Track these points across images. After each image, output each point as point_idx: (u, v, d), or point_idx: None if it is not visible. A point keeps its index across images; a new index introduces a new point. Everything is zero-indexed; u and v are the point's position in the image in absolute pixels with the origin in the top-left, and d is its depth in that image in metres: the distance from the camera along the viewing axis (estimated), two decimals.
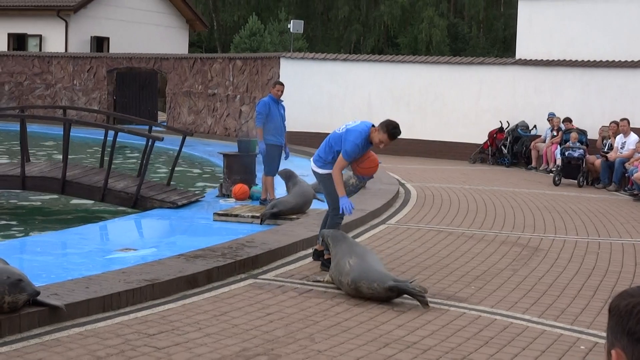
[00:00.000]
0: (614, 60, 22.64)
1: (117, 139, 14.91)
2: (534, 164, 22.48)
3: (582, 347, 6.69)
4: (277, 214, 12.35)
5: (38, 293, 6.44)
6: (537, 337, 6.92)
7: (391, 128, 9.14)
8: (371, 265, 7.98)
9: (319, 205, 14.01)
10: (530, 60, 23.80)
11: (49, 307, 6.58)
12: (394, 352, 6.36)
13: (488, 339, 6.81)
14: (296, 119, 24.84)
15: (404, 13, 61.33)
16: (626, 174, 18.10)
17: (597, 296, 8.40)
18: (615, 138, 19.21)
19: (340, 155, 9.12)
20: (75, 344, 6.18)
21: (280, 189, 15.35)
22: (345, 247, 8.38)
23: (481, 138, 23.96)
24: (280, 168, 14.47)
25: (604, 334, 1.97)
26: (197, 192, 15.70)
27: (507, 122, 23.67)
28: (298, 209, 12.68)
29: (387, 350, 6.42)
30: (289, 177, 13.26)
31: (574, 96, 23.01)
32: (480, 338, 6.83)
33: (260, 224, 12.14)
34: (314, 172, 9.65)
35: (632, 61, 22.33)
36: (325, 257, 8.98)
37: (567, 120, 21.55)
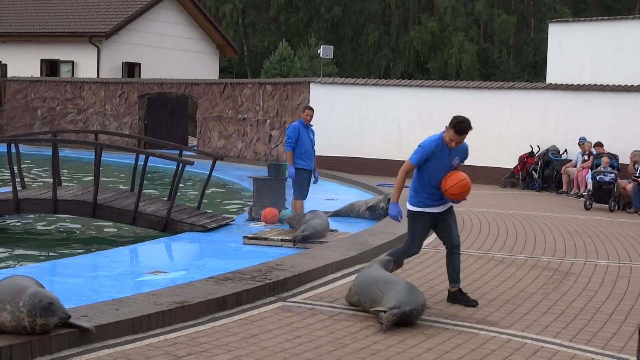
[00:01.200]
0: None
1: (148, 164, 15.00)
2: (564, 188, 22.36)
3: None
4: (307, 237, 12.37)
5: (69, 317, 6.47)
6: None
7: (455, 122, 8.61)
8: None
9: (347, 229, 14.01)
10: (561, 84, 23.73)
11: (79, 329, 6.61)
12: None
13: None
14: (326, 144, 24.88)
15: (433, 38, 61.43)
16: None
17: (629, 321, 8.31)
18: None
19: (408, 159, 8.85)
20: None
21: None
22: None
23: (512, 162, 23.88)
24: (309, 192, 14.52)
25: (635, 359, 1.95)
26: (227, 215, 15.74)
27: (538, 146, 23.58)
28: (323, 231, 12.73)
29: None
30: (299, 220, 13.26)
31: (605, 120, 22.90)
32: None
33: (294, 246, 12.16)
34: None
35: None
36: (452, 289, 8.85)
37: (599, 144, 21.44)
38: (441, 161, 8.68)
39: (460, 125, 8.57)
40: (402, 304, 7.53)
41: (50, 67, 40.70)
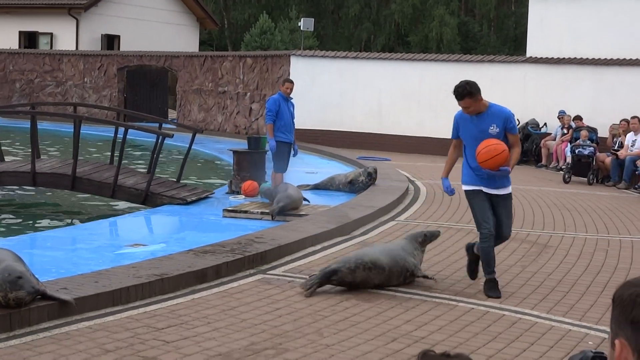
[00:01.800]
0: (624, 59, 22.60)
1: (128, 137, 14.95)
2: (544, 161, 22.45)
3: (590, 342, 6.69)
4: (284, 208, 12.39)
5: (37, 291, 6.44)
6: (545, 333, 6.92)
7: (453, 90, 8.36)
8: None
9: (327, 202, 14.04)
10: (541, 58, 23.77)
11: (59, 301, 6.61)
12: (401, 346, 6.37)
13: (496, 334, 6.82)
14: (306, 117, 24.85)
15: (414, 11, 61.26)
16: (636, 172, 18.07)
17: (606, 293, 8.39)
18: (625, 136, 19.17)
19: None
20: (85, 337, 6.20)
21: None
22: None
23: None
24: (289, 165, 14.52)
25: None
26: (206, 188, 15.73)
27: (518, 120, 23.61)
28: (298, 201, 12.78)
29: (395, 344, 6.43)
30: (272, 192, 13.20)
31: (585, 94, 22.97)
32: (488, 333, 6.83)
33: (272, 219, 12.17)
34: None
35: None
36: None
37: (578, 118, 21.51)
38: (469, 131, 8.26)
39: (455, 92, 8.33)
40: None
41: (29, 39, 40.38)
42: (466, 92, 8.08)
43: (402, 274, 8.21)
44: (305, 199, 13.47)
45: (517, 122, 23.36)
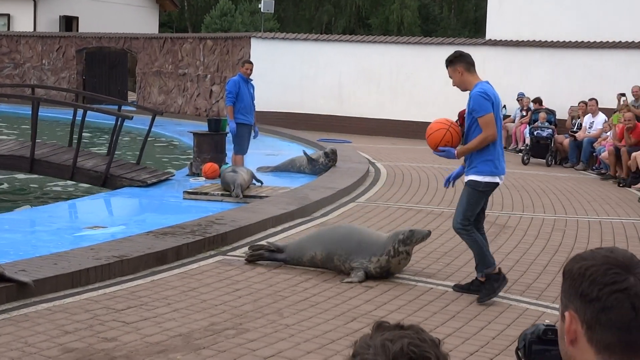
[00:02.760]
0: (582, 41, 22.79)
1: (87, 119, 14.84)
2: (503, 143, 22.59)
3: (547, 320, 6.78)
4: (243, 187, 12.40)
5: None
6: (503, 312, 7.00)
7: None
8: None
9: (287, 184, 14.04)
10: (500, 40, 23.90)
11: (17, 283, 6.58)
12: (361, 326, 6.42)
13: (455, 313, 6.89)
14: (267, 99, 24.80)
15: None
16: (594, 154, 18.27)
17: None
18: (584, 118, 19.36)
19: None
20: (44, 319, 6.18)
21: (250, 168, 15.37)
22: None
23: (452, 118, 23.98)
24: (250, 148, 14.49)
25: None
26: (167, 171, 15.67)
27: None
28: (249, 180, 12.78)
29: (355, 324, 6.48)
30: (232, 178, 13.00)
31: (543, 76, 23.16)
32: (447, 312, 6.90)
33: (240, 198, 12.09)
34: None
35: (600, 42, 22.50)
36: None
37: (537, 100, 21.66)
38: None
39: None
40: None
41: None
42: (447, 60, 7.72)
43: (337, 269, 8.10)
44: (258, 180, 13.48)
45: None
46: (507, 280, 7.42)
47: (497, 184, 7.51)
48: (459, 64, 7.56)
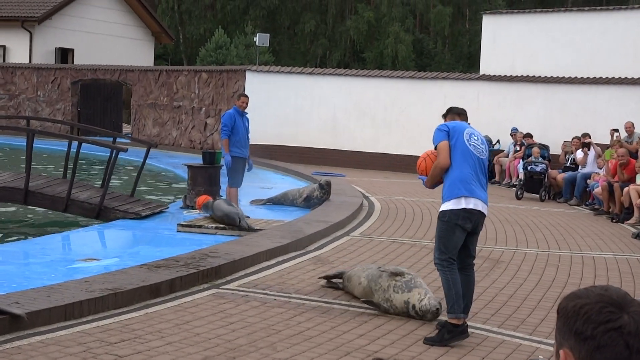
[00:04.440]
0: (576, 77, 22.93)
1: (81, 151, 14.86)
2: (497, 178, 22.68)
3: (540, 356, 6.78)
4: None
5: None
6: (496, 347, 6.99)
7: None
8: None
9: (281, 217, 14.05)
10: (494, 75, 24.04)
11: (10, 315, 6.56)
12: None
13: (448, 348, 6.88)
14: (262, 132, 24.87)
15: (369, 28, 61.63)
16: (587, 189, 18.32)
17: (557, 307, 8.48)
18: (576, 152, 19.45)
19: None
20: (37, 352, 6.16)
21: (244, 200, 15.39)
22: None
23: None
24: (244, 181, 14.50)
25: None
26: (161, 203, 15.67)
27: None
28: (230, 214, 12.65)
29: (348, 358, 6.47)
30: (234, 211, 12.97)
31: (537, 111, 23.27)
32: (440, 347, 6.89)
33: (249, 230, 12.09)
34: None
35: (594, 77, 22.63)
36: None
37: (528, 135, 21.76)
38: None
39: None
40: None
41: None
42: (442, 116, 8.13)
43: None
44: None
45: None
46: (465, 335, 6.99)
47: (467, 211, 7.15)
48: (448, 117, 7.92)
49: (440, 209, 7.36)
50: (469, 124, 7.76)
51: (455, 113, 7.90)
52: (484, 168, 7.39)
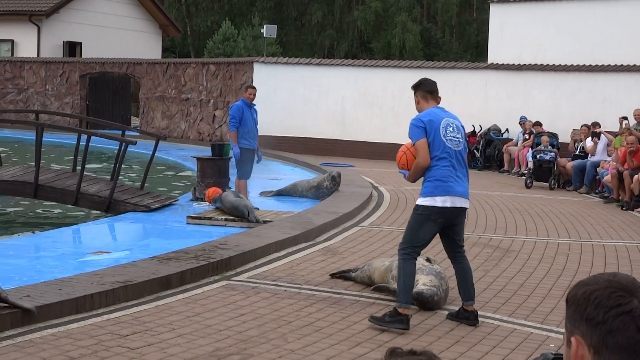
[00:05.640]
0: (584, 65, 22.86)
1: (90, 144, 14.89)
2: (506, 167, 22.65)
3: (551, 345, 6.78)
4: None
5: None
6: (507, 336, 7.00)
7: None
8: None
9: (290, 208, 14.06)
10: (502, 64, 23.98)
11: (21, 309, 6.58)
12: (365, 350, 6.42)
13: (459, 337, 6.89)
14: (270, 123, 24.87)
15: (377, 18, 61.51)
16: (597, 177, 18.28)
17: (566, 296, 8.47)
18: (586, 140, 19.41)
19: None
20: (48, 345, 6.19)
21: (253, 192, 15.40)
22: None
23: None
24: (253, 172, 14.51)
25: None
26: (170, 195, 15.70)
27: (480, 125, 23.83)
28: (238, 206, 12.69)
29: (359, 349, 6.47)
30: (243, 203, 13.00)
31: (545, 100, 23.22)
32: (451, 337, 6.90)
33: (257, 222, 12.13)
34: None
35: (602, 65, 22.56)
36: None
37: (537, 124, 21.73)
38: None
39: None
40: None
41: None
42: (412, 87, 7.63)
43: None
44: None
45: (479, 128, 23.66)
46: (407, 327, 6.90)
47: (442, 209, 7.18)
48: (418, 92, 7.53)
49: (416, 202, 7.47)
50: (441, 107, 7.46)
51: (427, 91, 7.47)
52: (462, 160, 7.34)
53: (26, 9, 38.93)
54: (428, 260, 8.19)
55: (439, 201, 7.21)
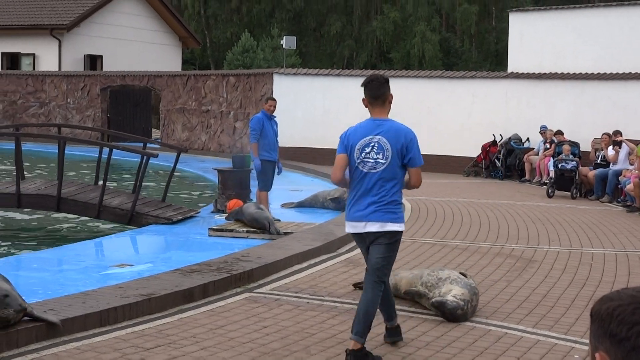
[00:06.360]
0: (605, 73, 22.77)
1: (112, 157, 14.96)
2: (527, 176, 22.58)
3: (575, 356, 6.74)
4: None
5: (24, 309, 6.46)
6: (531, 347, 6.96)
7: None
8: None
9: (312, 219, 14.07)
10: (522, 73, 23.93)
11: (46, 323, 6.62)
12: None
13: (482, 349, 6.86)
14: (290, 135, 24.92)
15: (396, 28, 61.56)
16: (619, 186, 18.19)
17: (591, 306, 8.43)
18: (607, 149, 19.33)
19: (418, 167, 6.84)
20: (73, 358, 6.21)
21: (274, 203, 15.42)
22: None
23: (475, 151, 24.05)
24: (274, 184, 14.54)
25: None
26: (192, 208, 15.74)
27: (500, 135, 23.78)
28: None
29: None
30: (264, 215, 13.02)
31: (566, 109, 23.14)
32: (474, 348, 6.88)
33: (278, 234, 12.17)
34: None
35: (623, 73, 22.47)
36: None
37: (559, 132, 21.67)
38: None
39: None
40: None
41: (11, 60, 40.35)
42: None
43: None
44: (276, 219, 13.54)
45: (500, 138, 23.62)
46: None
47: (353, 234, 6.71)
48: (364, 94, 7.01)
49: None
50: (378, 119, 6.78)
51: (371, 96, 6.89)
52: (374, 184, 6.56)
53: (47, 23, 39.24)
54: (463, 274, 8.17)
55: (347, 227, 6.76)
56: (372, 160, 6.58)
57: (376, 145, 6.60)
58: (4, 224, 15.32)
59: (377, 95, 6.82)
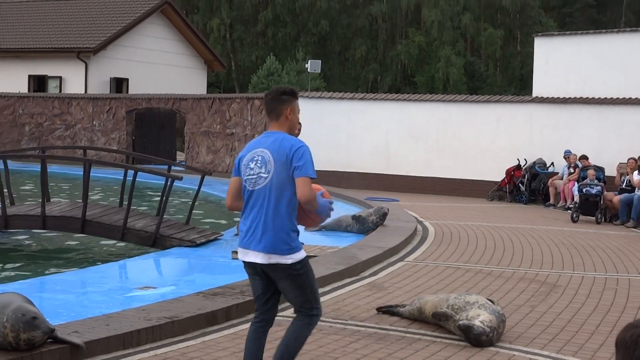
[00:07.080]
0: (630, 98, 22.69)
1: (137, 179, 15.03)
2: (551, 201, 22.48)
3: None
4: None
5: (52, 330, 6.49)
6: None
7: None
8: None
9: (335, 243, 14.06)
10: (547, 98, 23.89)
11: (70, 345, 6.64)
12: None
13: None
14: (314, 158, 24.90)
15: (420, 52, 61.68)
16: None
17: (615, 332, 8.37)
18: (633, 174, 19.23)
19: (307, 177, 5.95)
20: None
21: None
22: None
23: (499, 175, 23.99)
24: None
25: None
26: (215, 230, 15.76)
27: (525, 159, 23.71)
28: None
29: None
30: None
31: (591, 133, 23.06)
32: None
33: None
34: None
35: None
36: None
37: (583, 157, 21.59)
38: None
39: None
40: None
41: (38, 83, 40.72)
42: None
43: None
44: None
45: (524, 162, 23.57)
46: None
47: (245, 262, 6.05)
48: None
49: None
50: (272, 132, 6.07)
51: (266, 109, 6.19)
52: (262, 200, 5.85)
53: (74, 46, 39.59)
54: (491, 301, 8.13)
55: (241, 254, 6.06)
56: (253, 176, 5.85)
57: (260, 158, 5.86)
58: (29, 246, 15.41)
59: (269, 110, 6.09)
